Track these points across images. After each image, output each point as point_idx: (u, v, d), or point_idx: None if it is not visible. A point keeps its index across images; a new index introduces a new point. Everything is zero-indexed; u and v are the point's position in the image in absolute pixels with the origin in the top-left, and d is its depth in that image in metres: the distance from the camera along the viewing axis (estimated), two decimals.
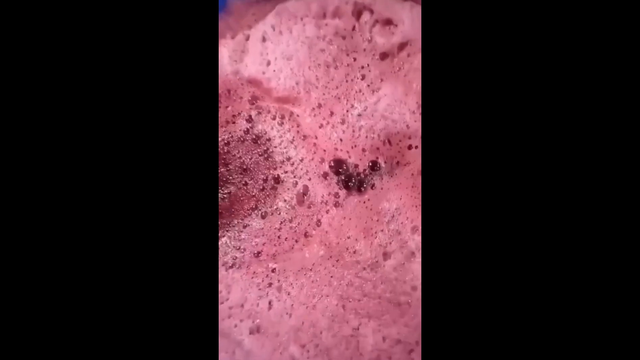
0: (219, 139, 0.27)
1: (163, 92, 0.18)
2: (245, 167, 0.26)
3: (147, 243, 0.17)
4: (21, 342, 0.17)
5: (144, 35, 0.18)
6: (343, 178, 0.25)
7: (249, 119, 0.27)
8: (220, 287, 0.24)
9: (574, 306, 0.16)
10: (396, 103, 0.25)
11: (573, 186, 0.17)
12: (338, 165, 0.26)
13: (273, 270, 0.24)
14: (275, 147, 0.26)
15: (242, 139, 0.27)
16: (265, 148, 0.27)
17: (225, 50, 0.27)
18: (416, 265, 0.23)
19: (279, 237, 0.25)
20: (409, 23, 0.25)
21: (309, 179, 0.26)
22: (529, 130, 0.17)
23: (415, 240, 0.24)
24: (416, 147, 0.25)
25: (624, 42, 0.17)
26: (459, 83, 0.17)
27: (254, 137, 0.27)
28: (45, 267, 0.17)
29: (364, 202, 0.25)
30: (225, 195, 0.26)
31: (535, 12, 0.17)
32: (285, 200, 0.26)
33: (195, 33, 0.18)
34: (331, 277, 0.24)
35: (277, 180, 0.26)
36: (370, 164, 0.25)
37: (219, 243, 0.25)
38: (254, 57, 0.26)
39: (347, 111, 0.26)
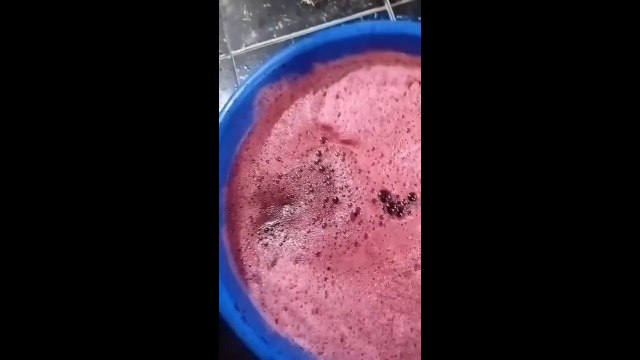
0: (296, 167, 0.34)
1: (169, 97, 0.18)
2: (312, 188, 0.33)
3: (148, 245, 0.17)
4: (21, 342, 0.16)
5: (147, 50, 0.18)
6: (387, 205, 0.32)
7: (319, 154, 0.34)
8: (290, 276, 0.30)
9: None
10: None
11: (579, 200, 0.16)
12: (384, 195, 0.32)
13: (329, 268, 0.30)
14: (337, 176, 0.33)
15: (312, 168, 0.34)
16: (329, 176, 0.33)
17: (308, 102, 0.34)
18: None
19: (334, 243, 0.31)
20: None
21: (361, 203, 0.32)
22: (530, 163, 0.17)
23: None
24: None
25: (623, 42, 0.16)
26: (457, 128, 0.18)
27: (321, 167, 0.33)
28: (48, 267, 0.16)
29: (402, 225, 0.31)
30: (295, 207, 0.33)
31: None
32: (341, 217, 0.32)
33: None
34: (373, 279, 0.30)
35: (336, 201, 0.32)
36: (409, 196, 0.32)
37: (288, 242, 0.32)
38: (329, 109, 0.34)
39: (394, 155, 0.32)
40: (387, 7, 0.45)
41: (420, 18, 0.44)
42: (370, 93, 0.34)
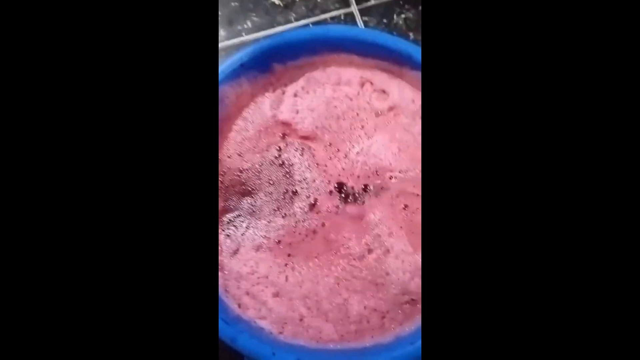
0: (256, 162, 0.35)
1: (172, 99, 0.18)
2: (272, 182, 0.35)
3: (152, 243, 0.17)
4: (21, 342, 0.16)
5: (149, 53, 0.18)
6: (343, 195, 0.34)
7: (279, 149, 0.35)
8: (251, 263, 0.32)
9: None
10: (383, 147, 0.34)
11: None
12: (340, 187, 0.34)
13: (289, 255, 0.32)
14: (296, 170, 0.35)
15: (272, 163, 0.35)
16: (288, 170, 0.35)
17: (267, 100, 0.36)
18: (390, 259, 0.32)
19: (294, 232, 0.33)
20: (397, 93, 0.35)
21: (319, 194, 0.34)
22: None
23: (390, 242, 0.32)
24: (395, 178, 0.34)
25: (623, 42, 0.17)
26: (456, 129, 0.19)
27: (281, 162, 0.35)
28: (45, 270, 0.16)
29: (357, 213, 0.33)
30: (256, 199, 0.35)
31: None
32: (300, 207, 0.34)
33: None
34: (330, 263, 0.32)
35: (295, 193, 0.34)
36: (363, 187, 0.34)
37: (249, 232, 0.34)
38: (288, 107, 0.36)
39: (349, 150, 0.35)
40: (354, 8, 0.47)
41: (385, 20, 0.47)
42: (327, 92, 0.36)
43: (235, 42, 0.46)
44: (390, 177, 0.34)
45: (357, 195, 0.34)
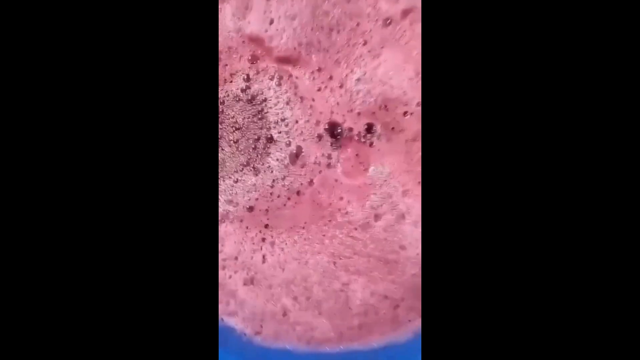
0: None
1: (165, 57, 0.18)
2: (238, 125, 0.27)
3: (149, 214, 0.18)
4: (20, 340, 0.17)
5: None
6: (337, 140, 0.27)
7: (247, 78, 0.27)
8: None
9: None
10: (395, 70, 0.26)
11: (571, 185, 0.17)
12: (333, 128, 0.27)
13: (266, 226, 0.26)
14: (271, 108, 0.27)
15: (237, 98, 0.28)
16: (260, 108, 0.28)
17: (229, 7, 0.27)
18: (406, 227, 0.25)
19: (271, 193, 0.26)
20: None
21: (303, 140, 0.27)
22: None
23: (405, 203, 0.26)
24: (412, 113, 0.26)
25: (624, 42, 0.17)
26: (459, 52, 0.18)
27: (250, 97, 0.27)
28: (43, 274, 0.17)
29: (358, 165, 0.26)
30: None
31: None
32: (278, 160, 0.27)
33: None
34: (323, 235, 0.26)
35: (270, 139, 0.27)
36: (366, 128, 0.27)
37: None
38: (258, 15, 0.27)
39: (347, 76, 0.27)
40: None
41: None
42: None
43: None
44: (405, 113, 0.26)
45: (357, 139, 0.27)
